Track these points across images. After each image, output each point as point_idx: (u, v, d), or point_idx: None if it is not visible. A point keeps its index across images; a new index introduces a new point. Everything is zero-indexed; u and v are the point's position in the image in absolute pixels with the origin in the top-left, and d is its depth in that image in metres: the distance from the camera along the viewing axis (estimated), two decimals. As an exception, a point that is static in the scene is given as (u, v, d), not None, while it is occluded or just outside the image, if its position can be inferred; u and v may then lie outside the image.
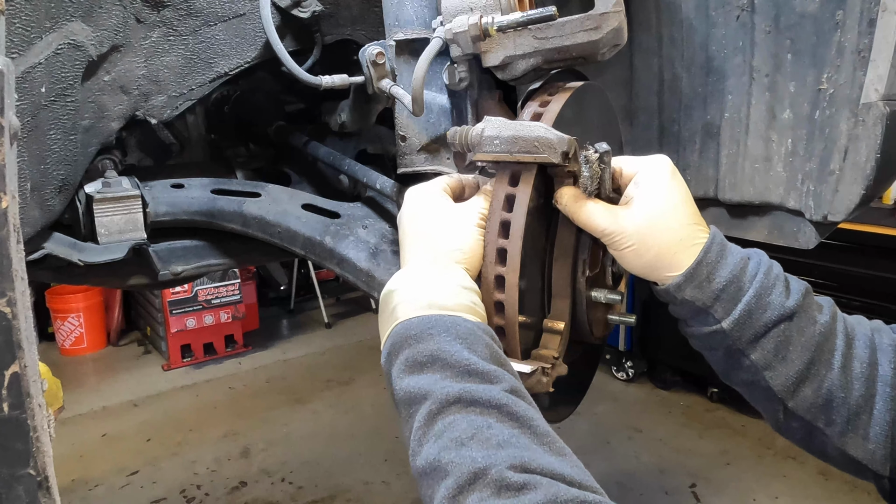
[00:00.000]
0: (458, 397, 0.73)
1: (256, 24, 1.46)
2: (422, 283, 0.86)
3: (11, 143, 0.64)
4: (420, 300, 0.83)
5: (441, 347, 0.78)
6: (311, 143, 1.67)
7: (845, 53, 1.16)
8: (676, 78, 1.46)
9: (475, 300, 0.87)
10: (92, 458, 4.03)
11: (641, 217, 0.89)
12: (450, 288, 0.85)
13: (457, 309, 0.83)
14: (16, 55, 1.15)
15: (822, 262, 3.83)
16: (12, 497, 0.62)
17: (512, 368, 0.82)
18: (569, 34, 1.01)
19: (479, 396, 0.73)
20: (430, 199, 0.97)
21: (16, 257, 0.62)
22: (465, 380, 0.75)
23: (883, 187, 1.26)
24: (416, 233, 0.95)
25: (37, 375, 0.66)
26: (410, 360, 0.79)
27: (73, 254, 1.39)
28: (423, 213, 0.96)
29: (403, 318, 0.82)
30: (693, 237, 0.90)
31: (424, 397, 0.75)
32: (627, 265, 0.93)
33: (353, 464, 3.88)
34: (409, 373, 0.79)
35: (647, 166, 0.93)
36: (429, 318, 0.81)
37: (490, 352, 0.80)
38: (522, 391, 0.78)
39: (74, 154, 1.33)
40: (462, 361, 0.76)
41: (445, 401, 0.73)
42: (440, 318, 0.81)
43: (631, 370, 4.68)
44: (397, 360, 0.81)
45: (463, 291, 0.86)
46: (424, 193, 0.98)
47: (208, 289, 5.26)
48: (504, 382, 0.76)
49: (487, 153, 0.93)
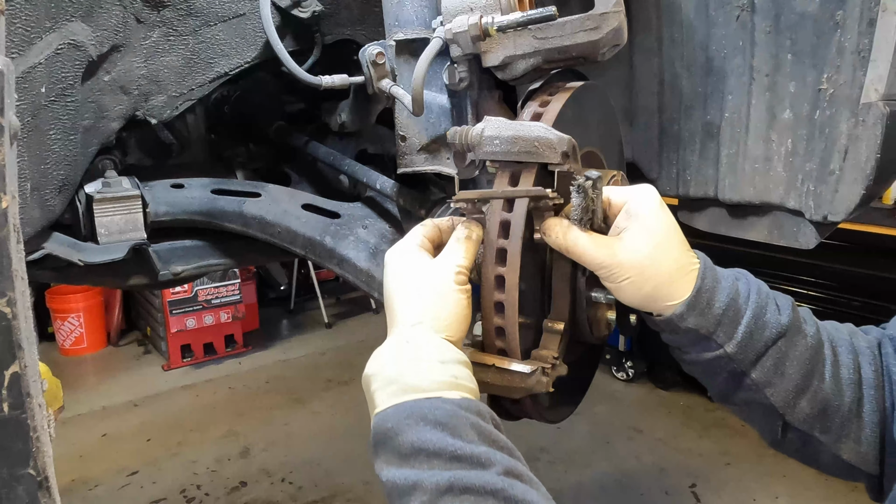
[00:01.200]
0: (449, 486, 0.69)
1: (256, 24, 1.46)
2: (397, 363, 0.82)
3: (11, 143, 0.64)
4: (395, 385, 0.79)
5: (421, 438, 0.73)
6: (311, 143, 1.67)
7: (845, 53, 1.16)
8: (676, 78, 1.46)
9: (457, 372, 0.82)
10: (92, 458, 4.03)
11: (639, 249, 0.87)
12: (426, 366, 0.80)
13: (434, 389, 0.78)
14: (16, 55, 1.15)
15: (822, 262, 3.83)
16: (12, 497, 0.62)
17: (507, 442, 0.78)
18: (569, 34, 1.01)
19: (473, 483, 0.69)
20: (405, 261, 0.92)
21: (16, 257, 0.62)
22: (455, 466, 0.71)
23: (883, 187, 1.26)
24: (394, 300, 0.90)
25: (37, 375, 0.66)
26: (393, 452, 0.75)
27: (73, 254, 1.39)
28: (399, 278, 0.90)
29: (380, 409, 0.79)
30: (689, 264, 0.89)
31: (413, 488, 0.71)
32: (624, 297, 0.91)
33: (353, 464, 3.88)
34: (394, 465, 0.74)
35: (636, 196, 0.90)
36: (404, 406, 0.77)
37: (478, 431, 0.75)
38: (518, 469, 0.74)
39: (74, 154, 1.33)
40: (447, 449, 0.72)
41: (436, 490, 0.69)
42: (416, 404, 0.77)
43: (631, 370, 4.68)
44: (381, 454, 0.77)
45: (441, 367, 0.81)
46: (400, 254, 0.93)
47: (208, 289, 5.26)
48: (497, 465, 0.72)
49: (487, 153, 0.93)
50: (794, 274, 3.84)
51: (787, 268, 3.84)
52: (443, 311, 0.86)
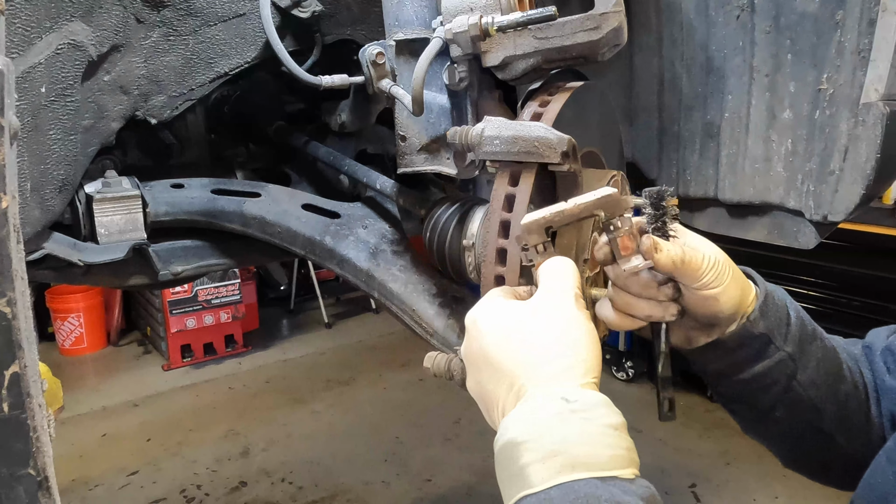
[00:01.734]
0: None
1: (256, 24, 1.46)
2: (555, 428, 0.65)
3: (11, 143, 0.64)
4: (559, 458, 0.63)
5: None
6: (311, 143, 1.67)
7: (845, 53, 1.16)
8: (676, 78, 1.46)
9: (627, 443, 0.67)
10: (92, 458, 4.03)
11: (715, 248, 0.85)
12: (598, 433, 0.65)
13: (611, 466, 0.63)
14: (16, 55, 1.15)
15: (822, 262, 3.83)
16: (12, 497, 0.62)
17: None
18: (569, 34, 1.01)
19: None
20: (505, 308, 0.77)
21: (16, 257, 0.62)
22: None
23: (883, 187, 1.26)
24: (512, 354, 0.72)
25: (37, 375, 0.66)
26: None
27: (73, 254, 1.39)
28: (508, 328, 0.74)
29: (538, 489, 0.62)
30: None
31: None
32: (726, 299, 0.83)
33: (353, 464, 3.88)
34: None
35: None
36: (573, 488, 0.61)
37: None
38: None
39: (74, 154, 1.33)
40: None
41: None
42: (591, 487, 0.61)
43: (631, 370, 4.68)
44: None
45: (614, 435, 0.66)
46: (492, 304, 0.78)
47: (208, 289, 5.26)
48: None
49: (487, 153, 0.93)
50: (794, 274, 3.84)
51: (787, 268, 3.84)
52: (581, 349, 0.71)
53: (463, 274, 1.21)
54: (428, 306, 1.30)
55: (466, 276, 1.21)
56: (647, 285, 0.84)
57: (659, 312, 0.84)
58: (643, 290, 0.84)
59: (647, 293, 0.84)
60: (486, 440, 0.74)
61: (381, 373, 5.08)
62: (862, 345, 1.01)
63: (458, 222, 1.21)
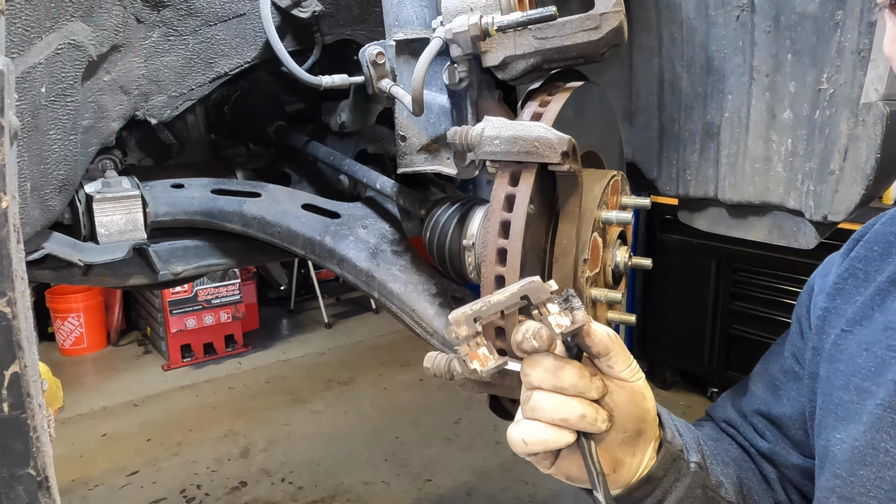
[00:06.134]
0: None
1: (256, 24, 1.46)
2: None
3: (11, 143, 0.64)
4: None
5: None
6: (311, 143, 1.67)
7: (845, 53, 1.17)
8: (676, 78, 1.46)
9: None
10: (92, 458, 4.03)
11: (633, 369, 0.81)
12: None
13: None
14: (16, 55, 1.15)
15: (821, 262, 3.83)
16: (12, 497, 0.62)
17: None
18: (569, 34, 1.01)
19: None
20: None
21: (16, 257, 0.62)
22: None
23: (883, 187, 1.26)
24: None
25: (37, 375, 0.66)
26: None
27: (73, 254, 1.39)
28: None
29: None
30: None
31: None
32: (649, 393, 0.81)
33: (353, 464, 3.88)
34: None
35: None
36: None
37: None
38: None
39: (74, 154, 1.33)
40: None
41: None
42: None
43: (631, 370, 4.68)
44: None
45: None
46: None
47: (208, 289, 5.26)
48: None
49: (487, 153, 0.93)
50: (794, 274, 3.84)
51: (787, 268, 3.84)
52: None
53: (463, 274, 1.21)
54: (428, 306, 1.30)
55: (466, 276, 1.21)
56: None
57: (592, 414, 0.75)
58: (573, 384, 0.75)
59: (580, 385, 0.75)
60: (486, 440, 0.74)
61: (381, 373, 5.09)
62: (721, 420, 1.08)
63: (458, 222, 1.21)
